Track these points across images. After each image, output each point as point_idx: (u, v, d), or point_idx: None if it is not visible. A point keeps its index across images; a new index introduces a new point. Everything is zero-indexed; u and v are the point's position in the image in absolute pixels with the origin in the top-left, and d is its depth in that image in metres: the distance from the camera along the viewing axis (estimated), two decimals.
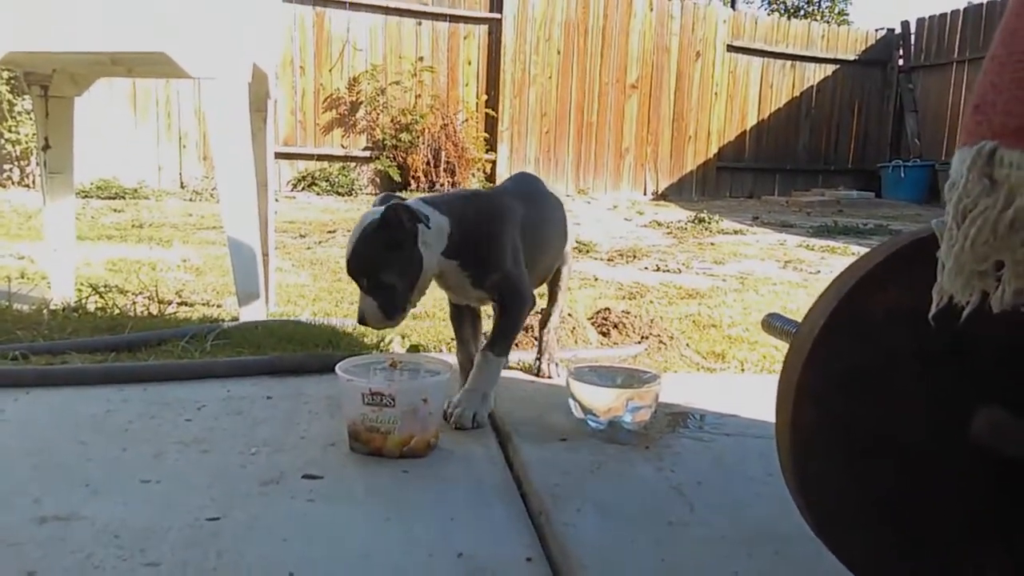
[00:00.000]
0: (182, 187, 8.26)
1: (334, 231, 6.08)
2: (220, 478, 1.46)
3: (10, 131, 7.23)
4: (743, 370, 2.57)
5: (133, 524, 1.27)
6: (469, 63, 9.15)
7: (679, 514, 1.40)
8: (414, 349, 2.50)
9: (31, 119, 7.27)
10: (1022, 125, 0.67)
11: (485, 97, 9.20)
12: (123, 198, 7.43)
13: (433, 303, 3.04)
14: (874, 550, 1.05)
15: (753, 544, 1.29)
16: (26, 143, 7.30)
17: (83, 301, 2.80)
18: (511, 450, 1.66)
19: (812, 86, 10.69)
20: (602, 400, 1.76)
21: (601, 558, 1.24)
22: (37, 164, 2.83)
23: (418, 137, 8.76)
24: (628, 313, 2.73)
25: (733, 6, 12.42)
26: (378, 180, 8.95)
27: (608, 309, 2.78)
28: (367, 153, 8.90)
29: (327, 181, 8.62)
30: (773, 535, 1.32)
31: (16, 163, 7.53)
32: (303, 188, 8.59)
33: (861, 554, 1.06)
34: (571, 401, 1.82)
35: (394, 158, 8.77)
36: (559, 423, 1.81)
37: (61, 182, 2.92)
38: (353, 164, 8.90)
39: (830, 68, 10.72)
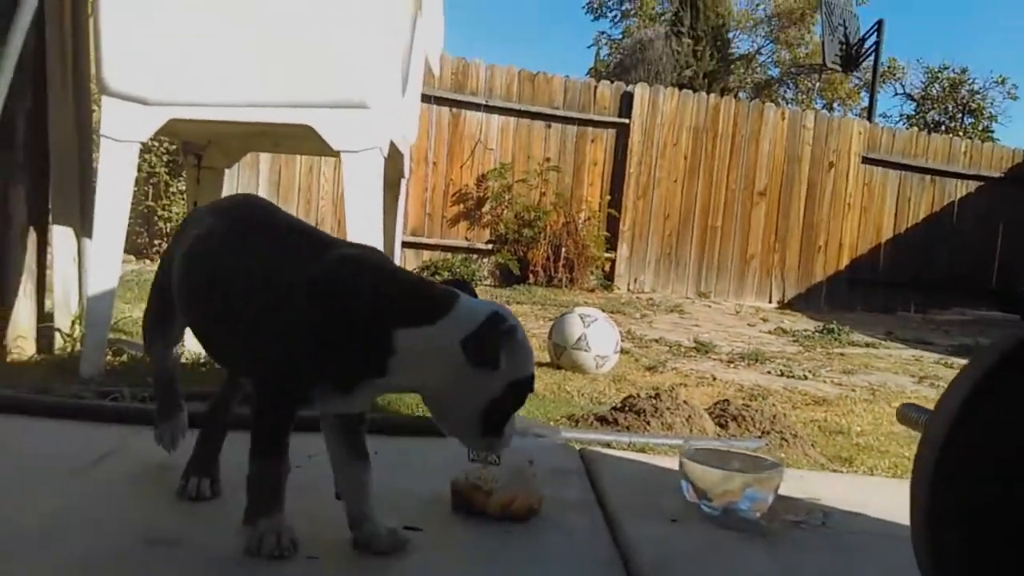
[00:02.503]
0: None
1: None
2: (321, 521, 1.45)
3: (163, 209, 7.83)
4: (872, 474, 2.40)
5: (227, 554, 1.28)
6: (595, 164, 9.31)
7: None
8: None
9: (183, 199, 7.87)
10: None
11: (608, 197, 9.30)
12: None
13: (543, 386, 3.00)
14: None
15: None
16: (176, 220, 7.88)
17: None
18: (616, 527, 1.58)
19: (953, 201, 10.26)
20: (718, 484, 1.67)
21: None
22: None
23: (540, 233, 8.90)
24: (748, 406, 2.61)
25: (870, 118, 12.22)
26: (498, 272, 9.10)
27: (727, 400, 2.67)
28: (489, 246, 9.10)
29: (449, 271, 8.83)
30: None
31: (165, 239, 8.11)
32: (426, 276, 8.83)
33: None
34: (683, 483, 1.73)
35: (514, 252, 8.93)
36: (669, 505, 1.72)
37: None
38: (475, 256, 9.11)
39: (973, 184, 10.29)
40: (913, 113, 20.24)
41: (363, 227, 2.60)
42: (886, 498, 1.97)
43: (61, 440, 1.87)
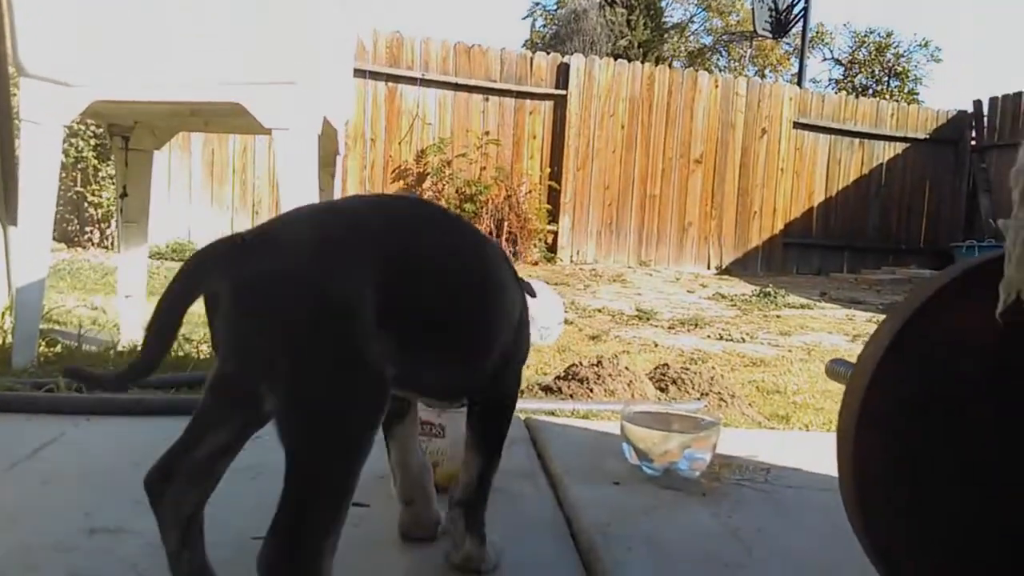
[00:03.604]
0: None
1: None
2: (266, 501, 1.45)
3: (93, 195, 7.59)
4: (808, 430, 2.48)
5: None
6: (534, 137, 9.32)
7: (735, 558, 1.33)
8: None
9: (113, 184, 7.64)
10: None
11: (549, 170, 9.33)
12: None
13: None
14: None
15: None
16: (107, 206, 7.65)
17: None
18: (561, 491, 1.62)
19: (881, 164, 10.55)
20: (658, 445, 1.71)
21: None
22: (114, 214, 2.94)
23: (482, 207, 8.89)
24: (688, 370, 2.67)
25: (800, 84, 12.44)
26: None
27: (667, 365, 2.73)
28: None
29: None
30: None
31: (96, 225, 7.87)
32: None
33: None
34: (625, 445, 1.77)
35: None
36: (612, 467, 1.76)
37: (136, 231, 3.04)
38: None
39: (900, 146, 10.59)
40: (841, 77, 20.68)
41: (297, 205, 2.57)
42: (822, 453, 2.04)
43: None
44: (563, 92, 9.21)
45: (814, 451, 2.04)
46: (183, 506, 1.01)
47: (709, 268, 9.81)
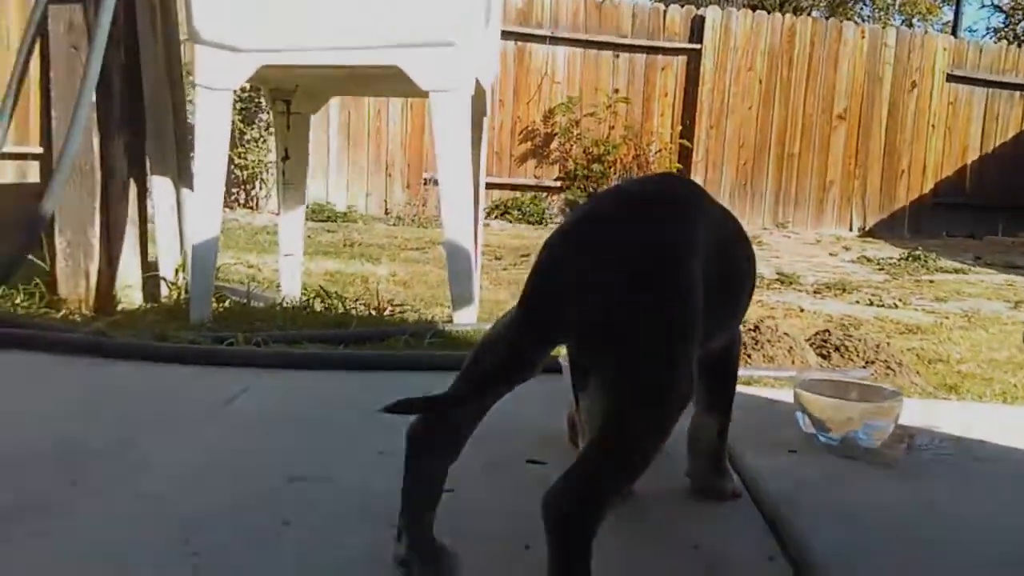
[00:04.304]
0: (386, 213, 8.73)
1: (527, 255, 6.19)
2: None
3: (240, 157, 7.94)
4: (981, 401, 2.34)
5: (374, 488, 1.32)
6: (665, 94, 9.10)
7: (933, 533, 1.27)
8: None
9: (258, 146, 7.97)
10: None
11: (680, 128, 9.10)
12: (335, 220, 7.94)
13: None
14: None
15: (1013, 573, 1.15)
16: (252, 168, 8.00)
17: (311, 302, 2.99)
18: (736, 459, 1.58)
19: None
20: (837, 414, 1.65)
21: (846, 564, 1.15)
22: (276, 177, 3.07)
23: (609, 168, 8.79)
24: (850, 336, 2.56)
25: (954, 33, 11.59)
26: (568, 210, 9.04)
27: (828, 331, 2.63)
28: (558, 183, 9.03)
29: (519, 210, 8.81)
30: None
31: (243, 187, 8.25)
32: (496, 216, 8.82)
33: None
34: (799, 414, 1.72)
35: (584, 188, 8.84)
36: (786, 436, 1.71)
37: (295, 193, 3.16)
38: (544, 194, 9.06)
39: None
40: (1002, 26, 19.11)
41: (452, 167, 2.60)
42: (1006, 425, 1.93)
43: (189, 385, 1.95)
44: (697, 46, 8.93)
45: (996, 422, 1.94)
46: (437, 463, 1.03)
47: (851, 230, 9.38)
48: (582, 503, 0.86)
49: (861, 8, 19.70)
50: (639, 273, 0.93)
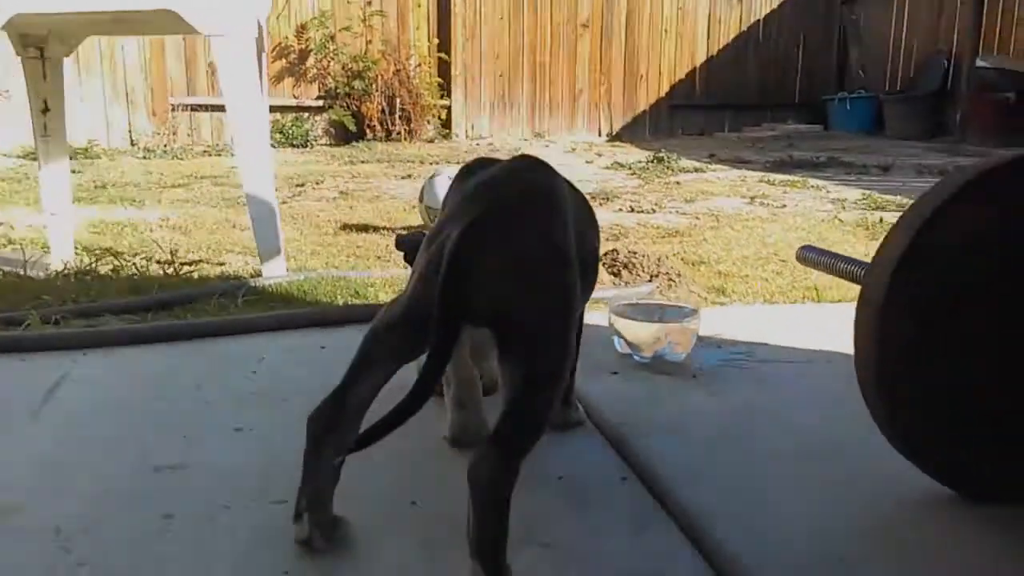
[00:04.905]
0: (132, 144, 8.05)
1: (302, 185, 6.04)
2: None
3: None
4: (749, 302, 2.72)
5: (245, 468, 1.35)
6: (419, 5, 9.02)
7: (741, 435, 1.53)
8: None
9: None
10: None
11: (436, 41, 9.10)
12: (75, 158, 7.19)
13: None
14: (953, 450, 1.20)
15: (811, 457, 1.43)
16: None
17: (94, 265, 2.79)
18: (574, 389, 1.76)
19: (758, 19, 10.80)
20: (647, 336, 1.88)
21: (687, 474, 1.36)
22: (34, 131, 2.77)
23: (371, 84, 8.64)
24: (635, 253, 2.84)
25: None
26: (333, 131, 8.84)
27: (616, 250, 2.89)
28: (320, 103, 8.77)
29: (281, 133, 8.47)
30: (828, 448, 1.46)
31: None
32: None
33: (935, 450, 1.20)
34: (615, 338, 1.93)
35: (348, 107, 8.66)
36: (605, 358, 1.91)
37: (57, 145, 2.88)
38: (306, 115, 8.77)
39: (776, 0, 10.84)
40: None
41: (244, 115, 2.51)
42: (774, 325, 2.27)
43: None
44: None
45: (766, 324, 2.27)
46: (341, 443, 1.08)
47: (600, 135, 9.98)
48: (505, 470, 0.98)
49: None
50: (541, 276, 1.05)
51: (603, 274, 2.72)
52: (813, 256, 1.81)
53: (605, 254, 2.90)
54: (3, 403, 1.66)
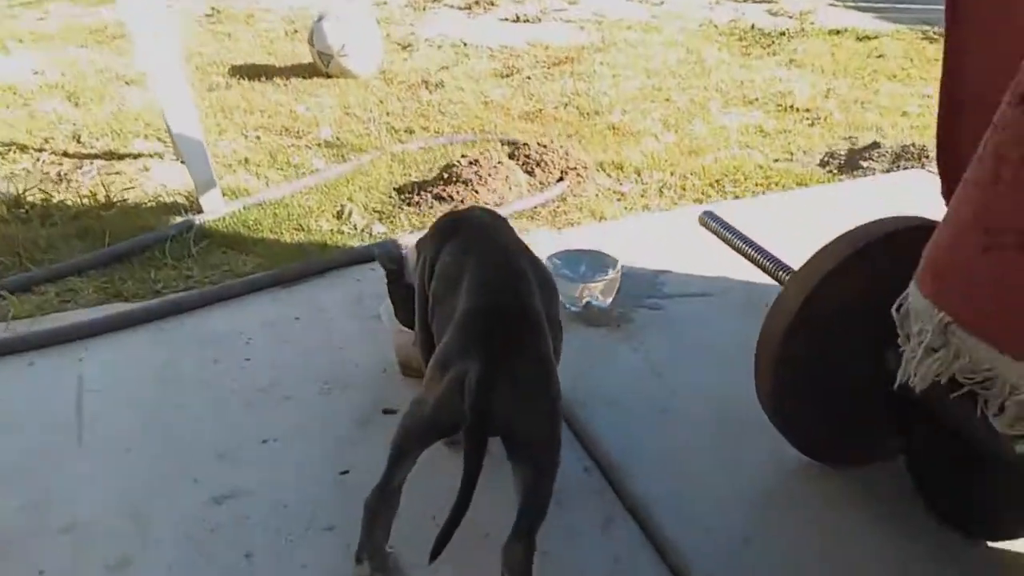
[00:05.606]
0: None
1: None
2: (319, 423, 1.85)
3: None
4: (647, 206, 2.96)
5: (289, 494, 1.65)
6: None
7: (665, 402, 1.92)
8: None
9: None
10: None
11: None
12: None
13: None
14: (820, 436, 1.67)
15: (726, 425, 1.85)
16: None
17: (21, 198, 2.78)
18: None
19: None
20: (576, 291, 2.23)
21: (623, 455, 1.76)
22: None
23: None
24: (545, 148, 3.07)
25: None
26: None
27: (527, 145, 3.11)
28: None
29: None
30: (738, 417, 1.81)
31: None
32: None
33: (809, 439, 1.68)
34: None
35: None
36: None
37: None
38: None
39: None
40: None
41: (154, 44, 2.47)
42: (674, 236, 2.63)
43: None
44: None
45: (666, 236, 2.63)
46: (386, 522, 1.47)
47: None
48: (527, 547, 1.38)
49: None
50: (536, 393, 1.41)
51: (520, 176, 2.97)
52: (714, 225, 2.17)
53: (517, 150, 3.12)
54: (42, 423, 1.84)
